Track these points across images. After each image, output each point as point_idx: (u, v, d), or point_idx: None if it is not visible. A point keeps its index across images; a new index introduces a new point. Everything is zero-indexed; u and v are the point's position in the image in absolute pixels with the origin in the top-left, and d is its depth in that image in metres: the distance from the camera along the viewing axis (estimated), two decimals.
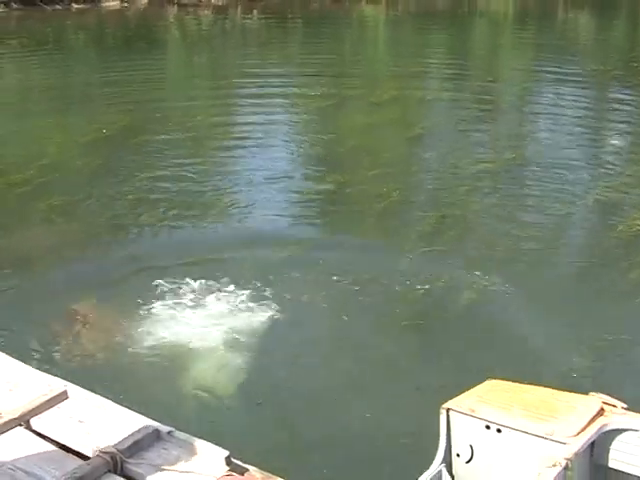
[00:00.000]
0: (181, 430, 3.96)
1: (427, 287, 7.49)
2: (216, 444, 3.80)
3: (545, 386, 4.00)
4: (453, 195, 10.14)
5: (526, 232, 8.87)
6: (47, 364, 4.96)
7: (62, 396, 4.00)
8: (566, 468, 3.42)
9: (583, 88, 17.06)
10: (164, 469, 3.66)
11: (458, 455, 3.88)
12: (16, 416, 3.84)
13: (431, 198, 10.12)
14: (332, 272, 7.90)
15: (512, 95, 17.46)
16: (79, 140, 12.83)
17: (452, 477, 3.93)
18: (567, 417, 3.66)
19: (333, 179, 10.69)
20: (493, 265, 8.07)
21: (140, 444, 3.77)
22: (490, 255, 8.36)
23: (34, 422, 3.94)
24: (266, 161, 11.71)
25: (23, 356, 4.84)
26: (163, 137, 13.10)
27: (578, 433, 3.56)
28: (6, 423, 3.80)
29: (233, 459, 3.79)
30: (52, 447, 3.84)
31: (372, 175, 10.83)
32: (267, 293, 7.35)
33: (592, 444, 3.67)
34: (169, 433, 3.90)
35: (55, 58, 21.67)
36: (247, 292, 7.29)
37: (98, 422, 3.99)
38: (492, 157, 11.69)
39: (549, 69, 19.05)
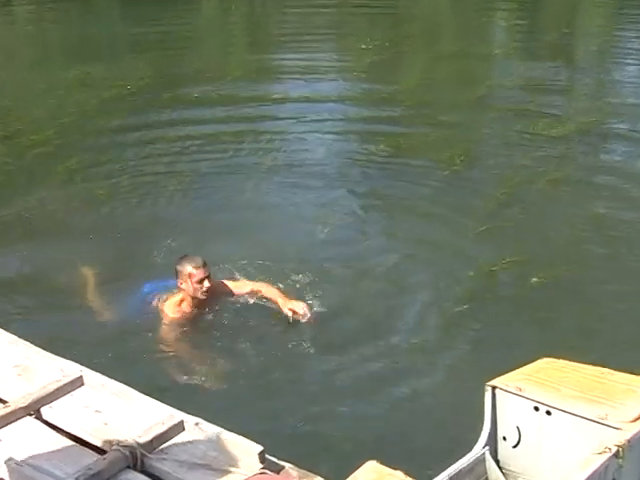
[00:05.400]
0: (210, 421, 3.94)
1: (489, 264, 7.44)
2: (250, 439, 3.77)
3: (603, 366, 3.95)
4: (521, 164, 9.93)
5: (601, 208, 8.68)
6: (60, 346, 4.93)
7: (77, 382, 4.01)
8: (617, 455, 3.37)
9: None
10: (190, 465, 3.64)
11: (504, 438, 3.87)
12: (25, 404, 3.85)
13: (497, 166, 9.95)
14: (383, 244, 7.92)
15: (590, 50, 17.12)
16: (101, 96, 12.82)
17: (497, 462, 3.91)
18: (624, 401, 3.62)
19: (389, 142, 10.57)
20: (562, 241, 7.97)
21: (163, 437, 3.75)
22: (561, 231, 8.22)
23: (45, 411, 3.94)
24: (315, 122, 11.60)
25: (34, 337, 4.82)
26: (195, 95, 13.07)
27: (635, 419, 3.51)
28: (14, 412, 3.81)
29: (267, 455, 3.75)
30: (64, 439, 3.84)
31: (433, 138, 10.72)
32: (315, 267, 7.35)
33: None
34: (196, 425, 3.88)
35: (77, 7, 21.75)
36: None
37: (117, 412, 3.98)
38: (566, 120, 11.48)
39: (634, 20, 18.71)
